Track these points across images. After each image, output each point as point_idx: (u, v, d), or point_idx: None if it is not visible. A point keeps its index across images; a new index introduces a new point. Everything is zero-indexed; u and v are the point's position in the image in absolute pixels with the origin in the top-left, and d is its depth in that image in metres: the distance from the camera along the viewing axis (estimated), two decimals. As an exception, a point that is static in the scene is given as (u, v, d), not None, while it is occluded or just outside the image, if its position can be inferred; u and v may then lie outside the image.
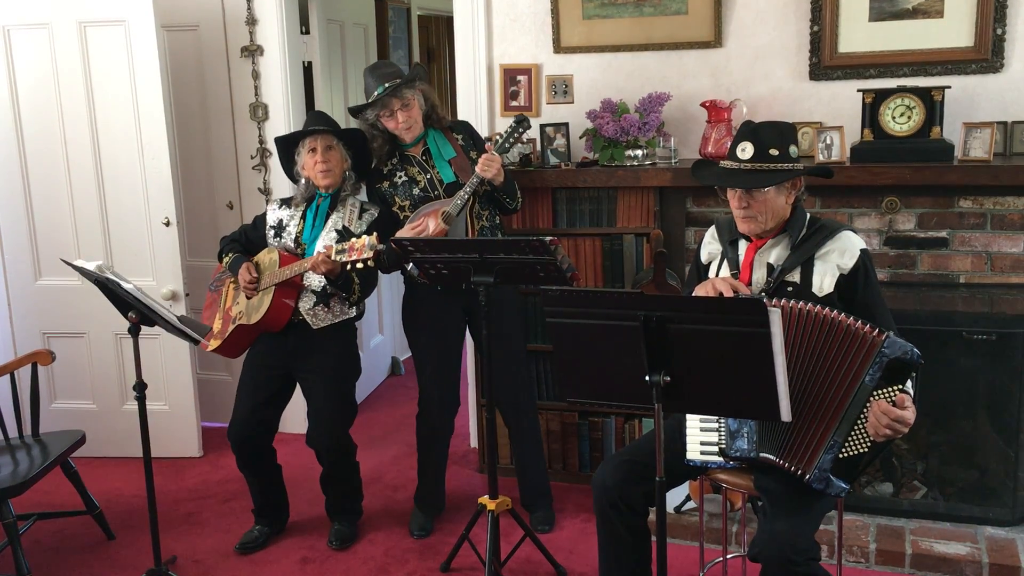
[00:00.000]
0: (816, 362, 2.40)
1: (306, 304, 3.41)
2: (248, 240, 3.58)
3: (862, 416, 2.36)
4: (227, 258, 3.54)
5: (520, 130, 3.44)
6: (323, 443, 3.51)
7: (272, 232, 3.51)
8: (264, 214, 3.60)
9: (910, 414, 2.30)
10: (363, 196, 3.61)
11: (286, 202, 3.57)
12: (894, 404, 2.31)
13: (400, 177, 3.51)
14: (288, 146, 3.53)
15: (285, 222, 3.50)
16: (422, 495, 3.75)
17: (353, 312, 3.52)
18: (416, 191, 3.49)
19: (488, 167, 3.34)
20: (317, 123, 3.47)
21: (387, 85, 3.39)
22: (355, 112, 3.53)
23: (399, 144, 3.53)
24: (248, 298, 3.45)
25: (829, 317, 2.39)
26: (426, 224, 3.38)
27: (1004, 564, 3.17)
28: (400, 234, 3.39)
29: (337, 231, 3.41)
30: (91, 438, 3.80)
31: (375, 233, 3.21)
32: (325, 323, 3.44)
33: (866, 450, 2.37)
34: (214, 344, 3.51)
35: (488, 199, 3.51)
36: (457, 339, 3.64)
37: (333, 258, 3.17)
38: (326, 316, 3.44)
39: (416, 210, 3.47)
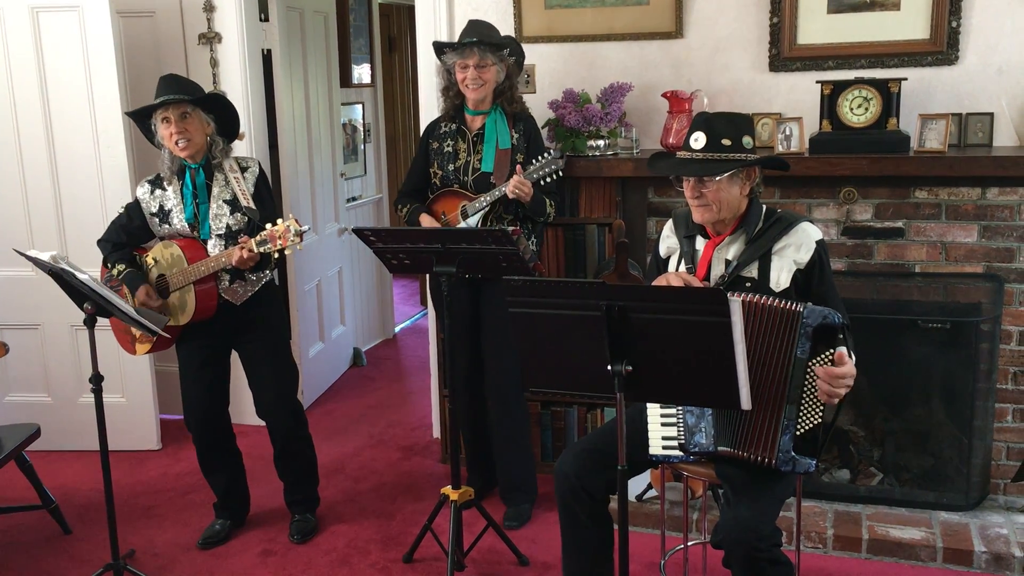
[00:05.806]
0: (753, 349, 2.42)
1: (222, 284, 3.30)
2: (129, 235, 3.38)
3: (806, 389, 2.41)
4: (116, 269, 3.34)
5: (553, 166, 3.35)
6: (274, 409, 3.47)
7: (157, 220, 3.33)
8: (136, 202, 3.37)
9: (850, 368, 2.35)
10: (236, 153, 3.43)
11: (155, 183, 3.33)
12: (832, 365, 2.36)
13: (448, 146, 3.53)
14: (143, 119, 3.26)
15: (168, 207, 3.31)
16: (472, 469, 3.79)
17: (268, 273, 3.41)
18: (450, 167, 3.51)
19: (520, 190, 3.31)
20: (168, 91, 3.19)
21: (475, 39, 3.37)
22: (439, 48, 3.49)
23: (464, 108, 3.52)
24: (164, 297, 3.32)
25: (754, 303, 2.43)
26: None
27: (958, 548, 3.24)
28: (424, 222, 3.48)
29: (226, 202, 3.28)
30: (46, 431, 3.74)
31: (291, 216, 3.12)
32: (247, 296, 3.36)
33: (819, 420, 2.42)
34: (142, 349, 3.40)
35: (514, 205, 3.44)
36: (470, 322, 3.63)
37: (255, 251, 3.10)
38: (245, 290, 3.35)
39: (440, 189, 3.51)
